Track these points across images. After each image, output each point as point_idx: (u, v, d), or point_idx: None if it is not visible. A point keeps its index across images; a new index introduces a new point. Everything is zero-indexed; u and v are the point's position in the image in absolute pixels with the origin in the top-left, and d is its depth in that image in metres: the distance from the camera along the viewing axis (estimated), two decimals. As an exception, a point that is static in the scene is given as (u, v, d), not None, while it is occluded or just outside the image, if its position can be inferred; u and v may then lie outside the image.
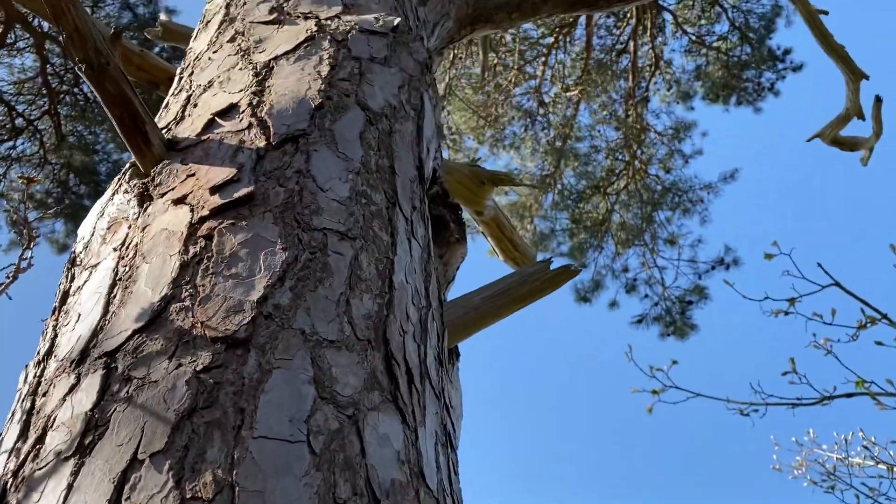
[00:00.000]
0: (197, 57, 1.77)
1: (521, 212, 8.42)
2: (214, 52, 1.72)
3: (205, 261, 1.08)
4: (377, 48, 1.66)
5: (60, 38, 1.36)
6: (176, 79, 1.79)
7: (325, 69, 1.52)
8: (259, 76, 1.52)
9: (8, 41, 7.86)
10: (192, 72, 1.70)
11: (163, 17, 2.82)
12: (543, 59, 9.49)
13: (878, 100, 3.06)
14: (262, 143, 1.28)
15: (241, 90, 1.48)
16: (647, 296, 7.15)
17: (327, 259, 1.11)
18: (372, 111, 1.46)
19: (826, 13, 2.97)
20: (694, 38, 9.03)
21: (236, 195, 1.15)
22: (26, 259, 5.07)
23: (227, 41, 1.74)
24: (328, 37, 1.65)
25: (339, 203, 1.20)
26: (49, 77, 8.68)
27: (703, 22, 9.18)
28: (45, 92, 8.64)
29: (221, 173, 1.20)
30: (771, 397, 5.01)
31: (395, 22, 1.76)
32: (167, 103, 1.67)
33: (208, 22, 1.94)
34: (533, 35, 9.21)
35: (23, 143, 8.87)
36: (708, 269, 6.80)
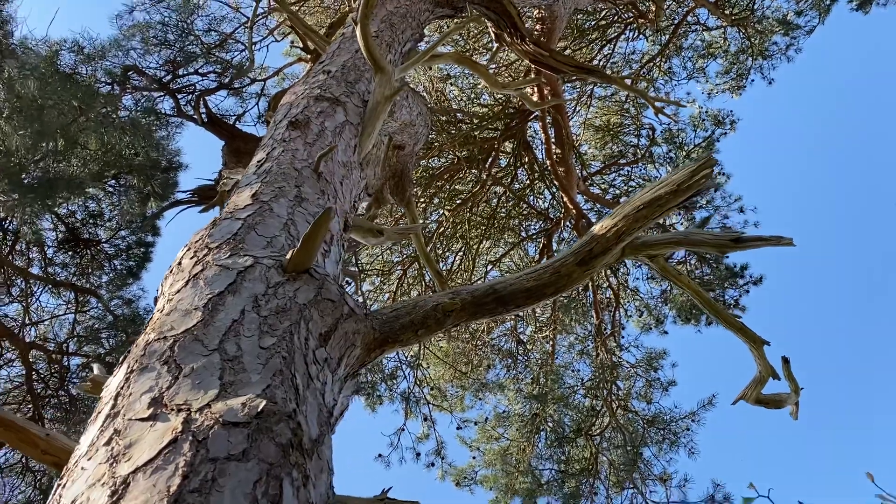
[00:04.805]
0: (75, 462, 1.86)
1: (513, 458, 8.22)
2: (89, 460, 1.80)
3: None
4: (236, 442, 1.75)
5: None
6: (55, 487, 1.87)
7: (175, 482, 1.59)
8: (114, 496, 1.59)
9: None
10: (65, 483, 1.78)
11: (95, 370, 2.99)
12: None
13: (786, 360, 3.17)
14: None
15: (93, 518, 1.54)
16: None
17: None
18: (214, 528, 1.51)
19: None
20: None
21: None
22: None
23: (104, 444, 1.84)
24: (190, 437, 1.74)
25: None
26: (34, 382, 8.90)
27: (659, 249, 9.66)
28: (29, 398, 8.85)
29: None
30: None
31: (260, 408, 1.87)
32: (38, 521, 1.73)
33: (98, 413, 2.06)
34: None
35: (5, 453, 8.88)
36: (701, 510, 6.52)
